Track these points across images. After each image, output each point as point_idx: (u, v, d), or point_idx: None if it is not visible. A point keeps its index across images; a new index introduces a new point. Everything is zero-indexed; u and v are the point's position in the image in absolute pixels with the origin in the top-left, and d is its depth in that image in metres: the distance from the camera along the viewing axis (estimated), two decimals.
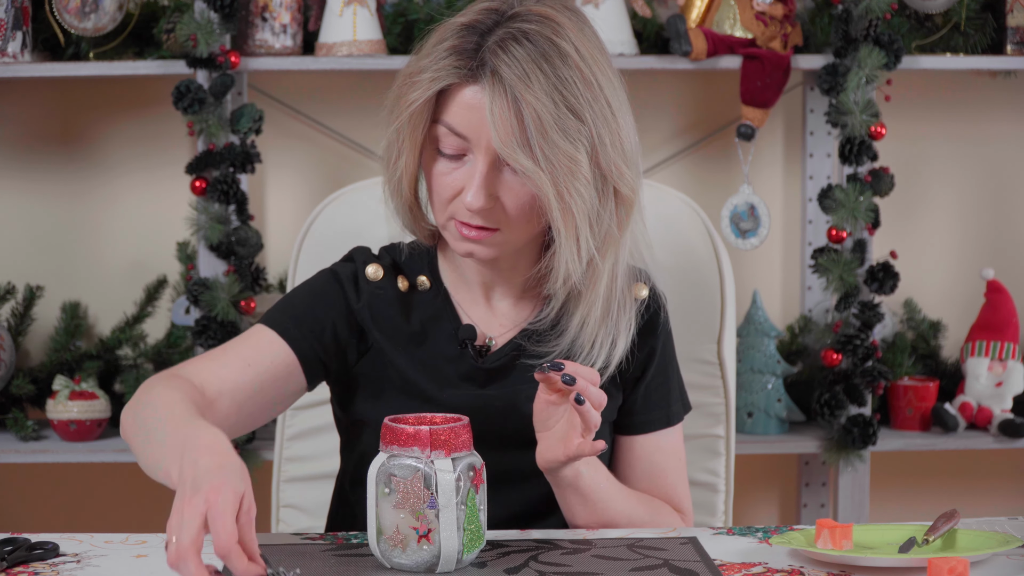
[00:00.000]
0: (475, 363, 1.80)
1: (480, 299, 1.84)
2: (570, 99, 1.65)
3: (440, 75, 1.68)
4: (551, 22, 1.68)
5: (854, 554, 1.57)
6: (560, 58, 1.66)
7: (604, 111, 1.68)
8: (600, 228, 1.71)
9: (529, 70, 1.64)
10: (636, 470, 1.87)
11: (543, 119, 1.64)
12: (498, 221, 1.71)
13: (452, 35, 1.70)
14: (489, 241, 1.72)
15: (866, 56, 2.88)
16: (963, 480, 3.33)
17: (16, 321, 3.06)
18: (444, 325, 1.82)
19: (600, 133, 1.68)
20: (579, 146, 1.66)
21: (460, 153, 1.70)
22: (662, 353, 1.86)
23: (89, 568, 1.58)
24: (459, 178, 1.70)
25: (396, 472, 1.54)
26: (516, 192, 1.70)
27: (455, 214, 1.72)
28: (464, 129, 1.68)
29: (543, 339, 1.80)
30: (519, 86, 1.64)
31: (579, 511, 1.77)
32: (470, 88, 1.68)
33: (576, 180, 1.67)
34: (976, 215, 3.29)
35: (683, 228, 2.14)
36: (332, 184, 3.13)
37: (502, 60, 1.65)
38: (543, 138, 1.64)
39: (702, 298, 2.13)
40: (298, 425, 2.16)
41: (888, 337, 3.16)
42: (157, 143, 3.14)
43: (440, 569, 1.55)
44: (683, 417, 1.90)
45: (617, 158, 1.70)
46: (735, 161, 3.15)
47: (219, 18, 2.81)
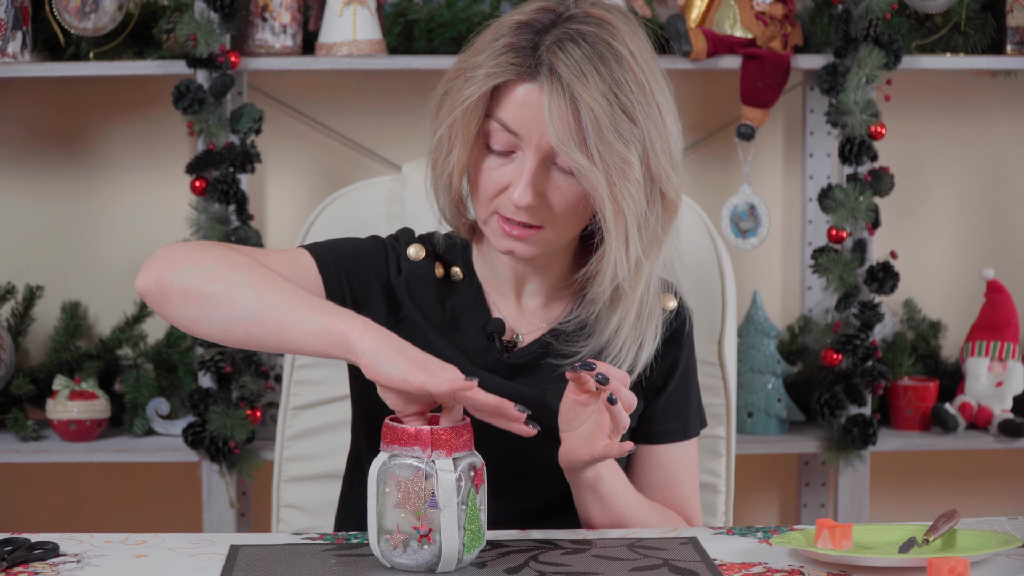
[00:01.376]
0: (501, 357, 1.81)
1: (511, 296, 1.85)
2: (624, 101, 1.67)
3: (497, 71, 1.69)
4: (607, 24, 1.69)
5: (854, 554, 1.57)
6: (616, 60, 1.67)
7: (655, 115, 1.70)
8: (647, 231, 1.73)
9: (586, 70, 1.66)
10: (650, 479, 1.88)
11: (599, 119, 1.65)
12: (542, 219, 1.72)
13: (508, 32, 1.70)
14: (531, 239, 1.73)
15: (866, 56, 2.88)
16: (963, 480, 3.33)
17: (16, 321, 3.06)
18: (474, 317, 1.83)
19: (651, 137, 1.69)
20: (632, 148, 1.67)
21: (510, 150, 1.71)
22: (685, 365, 1.87)
23: (89, 568, 1.58)
24: (506, 174, 1.71)
25: (397, 472, 1.54)
26: (563, 191, 1.71)
27: (499, 209, 1.73)
28: (517, 126, 1.69)
29: (572, 339, 1.80)
30: (576, 85, 1.65)
31: (595, 512, 1.77)
32: (525, 85, 1.68)
33: (628, 182, 1.68)
34: (976, 215, 3.29)
35: (684, 228, 2.14)
36: (332, 184, 3.13)
37: (560, 59, 1.66)
38: (599, 138, 1.66)
39: (703, 299, 2.13)
40: (299, 425, 2.16)
41: (888, 337, 3.16)
42: (157, 143, 3.14)
43: (441, 569, 1.55)
44: (700, 432, 1.91)
45: (666, 162, 1.71)
46: (735, 161, 3.15)
47: (219, 18, 2.81)
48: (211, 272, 1.66)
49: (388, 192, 2.19)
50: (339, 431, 2.13)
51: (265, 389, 2.91)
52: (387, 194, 2.19)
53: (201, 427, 2.86)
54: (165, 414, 2.98)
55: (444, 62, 2.88)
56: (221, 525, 2.93)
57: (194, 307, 1.66)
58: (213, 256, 1.68)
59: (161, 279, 1.68)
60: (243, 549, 1.64)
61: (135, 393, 2.99)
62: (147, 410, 2.97)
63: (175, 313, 1.68)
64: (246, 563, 1.58)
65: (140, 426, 2.96)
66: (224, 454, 2.86)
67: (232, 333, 1.65)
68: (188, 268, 1.67)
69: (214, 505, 2.93)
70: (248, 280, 1.65)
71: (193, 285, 1.66)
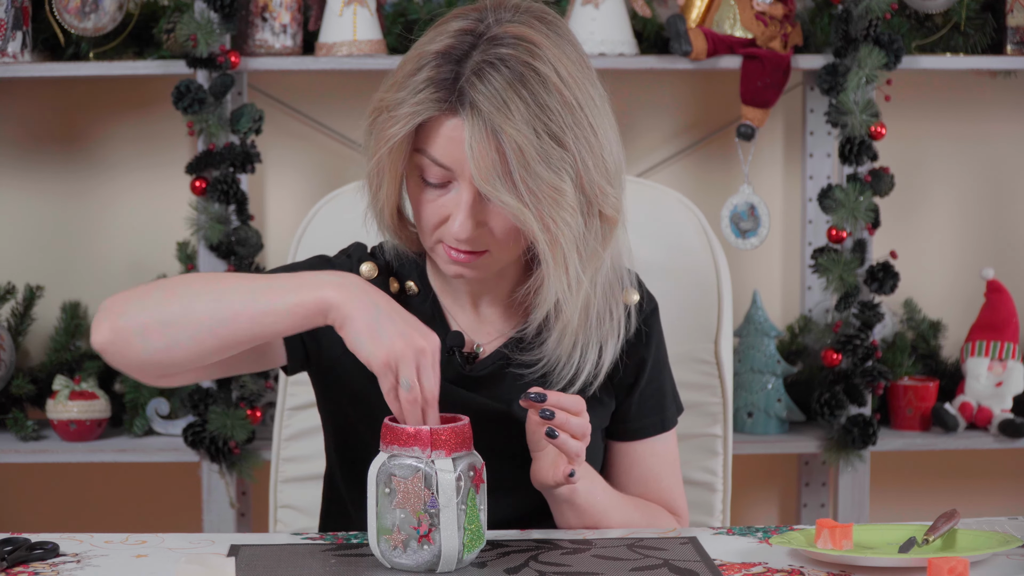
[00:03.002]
0: (463, 371, 1.79)
1: (467, 306, 1.82)
2: (552, 127, 1.62)
3: (419, 109, 1.64)
4: (528, 44, 1.64)
5: (854, 554, 1.57)
6: (540, 83, 1.62)
7: (587, 134, 1.64)
8: (586, 251, 1.69)
9: (508, 99, 1.60)
10: (631, 476, 1.87)
11: (524, 151, 1.60)
12: (486, 244, 1.69)
13: (428, 64, 1.66)
14: (478, 264, 1.70)
15: (866, 56, 2.88)
16: (963, 480, 3.33)
17: (16, 321, 3.06)
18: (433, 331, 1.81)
19: (584, 158, 1.64)
20: (563, 175, 1.63)
21: (445, 181, 1.67)
22: (655, 358, 1.85)
23: (89, 568, 1.58)
24: (445, 205, 1.68)
25: (396, 472, 1.54)
26: (503, 217, 1.67)
27: (443, 238, 1.70)
28: (447, 160, 1.65)
29: (529, 348, 1.78)
30: (498, 118, 1.60)
31: (573, 522, 1.76)
32: (450, 120, 1.64)
33: (562, 210, 1.63)
34: (976, 215, 3.29)
35: (680, 228, 2.14)
36: (332, 184, 3.13)
37: (479, 91, 1.61)
38: (525, 171, 1.61)
39: (699, 298, 2.13)
40: (295, 426, 2.16)
41: (888, 337, 3.16)
42: (157, 143, 3.14)
43: (440, 569, 1.55)
44: (677, 421, 1.89)
45: (601, 180, 1.66)
46: (735, 161, 3.15)
47: (219, 18, 2.81)
48: (160, 299, 1.63)
49: None
50: None
51: (265, 389, 2.91)
52: None
53: (201, 427, 2.86)
54: (165, 414, 2.98)
55: None
56: (221, 525, 2.93)
57: (158, 338, 1.62)
58: (155, 287, 1.65)
59: (115, 326, 1.63)
60: (243, 549, 1.64)
61: (135, 393, 2.98)
62: (147, 410, 2.97)
63: (140, 353, 1.63)
64: (246, 563, 1.58)
65: (140, 426, 2.96)
66: (224, 454, 2.86)
67: (206, 345, 1.62)
68: (137, 305, 1.64)
69: (214, 505, 2.93)
70: (199, 289, 1.63)
71: (149, 317, 1.63)
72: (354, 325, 1.57)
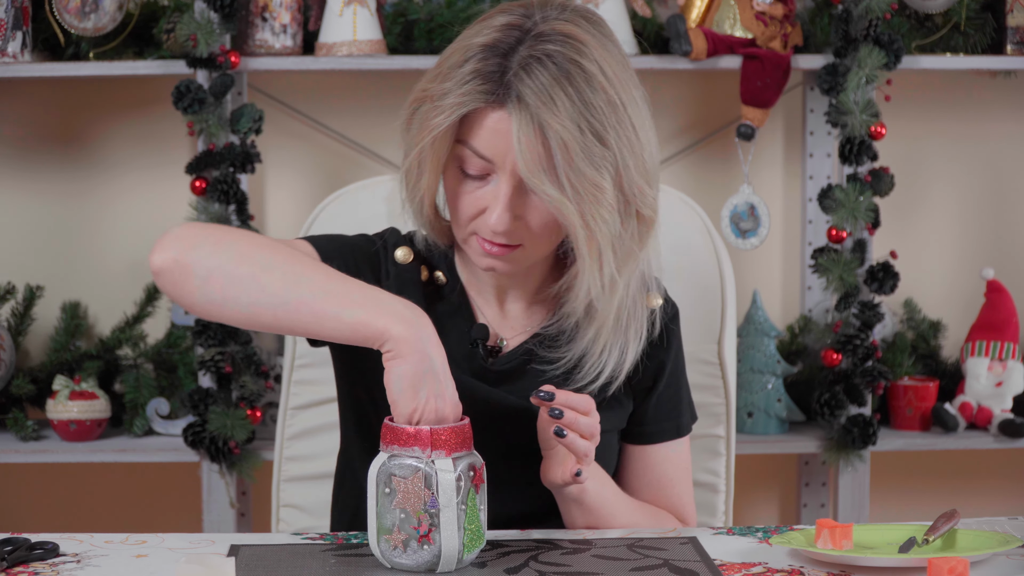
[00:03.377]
0: (485, 364, 1.80)
1: (493, 302, 1.83)
2: (595, 124, 1.64)
3: (465, 100, 1.65)
4: (575, 41, 1.66)
5: (854, 554, 1.57)
6: (585, 81, 1.64)
7: (628, 134, 1.67)
8: (622, 250, 1.70)
9: (554, 95, 1.62)
10: (643, 480, 1.87)
11: (569, 146, 1.62)
12: (521, 238, 1.71)
13: (475, 56, 1.67)
14: (511, 257, 1.72)
15: (866, 56, 2.88)
16: (963, 480, 3.33)
17: (16, 321, 3.06)
18: (458, 322, 1.82)
19: (624, 157, 1.66)
20: (604, 172, 1.65)
21: (484, 174, 1.69)
22: (674, 363, 1.86)
23: (89, 568, 1.58)
24: (483, 197, 1.69)
25: (397, 472, 1.54)
26: (540, 212, 1.69)
27: (477, 230, 1.71)
28: (489, 153, 1.67)
29: (554, 344, 1.79)
30: (544, 112, 1.62)
31: (580, 522, 1.77)
32: (495, 112, 1.65)
33: (600, 207, 1.65)
34: (976, 215, 3.29)
35: (683, 228, 2.14)
36: (332, 184, 3.13)
37: (526, 85, 1.63)
38: (569, 166, 1.63)
39: (702, 298, 2.13)
40: (298, 425, 2.16)
41: (888, 337, 3.16)
42: (157, 143, 3.14)
43: (440, 569, 1.55)
44: (691, 428, 1.90)
45: (640, 180, 1.69)
46: (735, 161, 3.15)
47: (219, 18, 2.81)
48: (237, 253, 1.62)
49: (388, 192, 2.18)
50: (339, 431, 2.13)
51: (265, 389, 2.91)
52: (387, 194, 2.18)
53: (201, 427, 2.86)
54: (165, 414, 2.98)
55: None
56: (221, 525, 2.93)
57: (218, 290, 1.61)
58: (234, 237, 1.64)
59: (181, 259, 1.62)
60: (243, 549, 1.64)
61: (135, 393, 2.98)
62: (147, 410, 2.97)
63: (195, 295, 1.62)
64: (246, 563, 1.58)
65: (140, 426, 2.96)
66: (224, 454, 2.86)
67: (261, 319, 1.61)
68: (210, 248, 1.62)
69: (214, 505, 2.93)
70: (277, 263, 1.62)
71: (219, 265, 1.61)
72: (401, 368, 1.56)
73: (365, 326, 1.57)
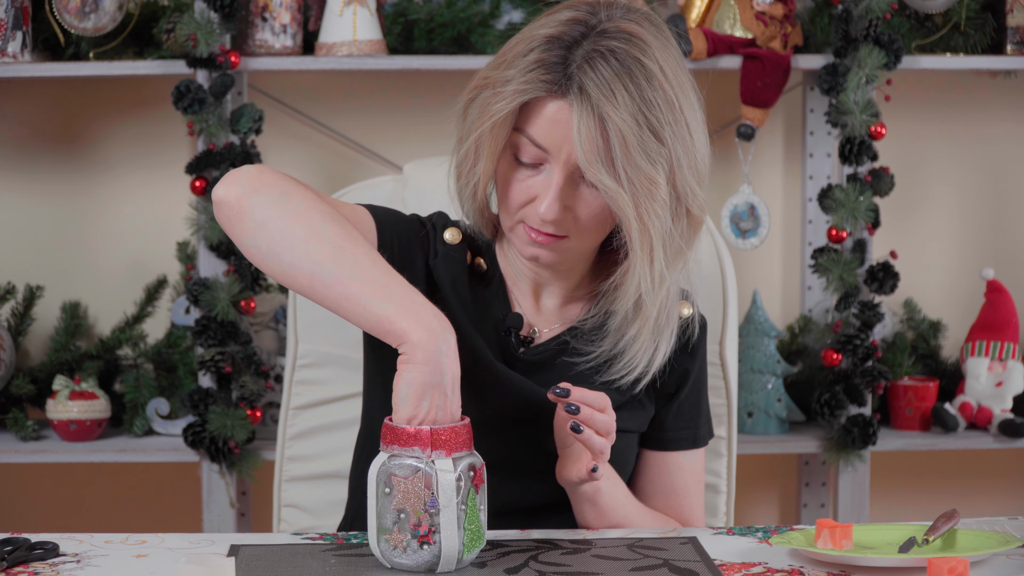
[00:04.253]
0: (516, 353, 1.81)
1: (529, 296, 1.85)
2: (653, 120, 1.67)
3: (527, 87, 1.68)
4: (638, 40, 1.69)
5: (854, 554, 1.57)
6: (645, 78, 1.67)
7: (683, 133, 1.70)
8: (672, 247, 1.73)
9: (615, 89, 1.66)
10: (656, 486, 1.88)
11: (627, 139, 1.65)
12: (568, 229, 1.73)
13: (539, 47, 1.70)
14: (556, 247, 1.74)
15: (866, 56, 2.88)
16: (963, 480, 3.33)
17: (16, 321, 3.06)
18: (495, 309, 1.83)
19: (679, 155, 1.69)
20: (659, 168, 1.68)
21: (538, 162, 1.71)
22: (697, 373, 1.88)
23: (89, 568, 1.58)
24: (534, 186, 1.72)
25: (397, 472, 1.54)
26: (589, 204, 1.71)
27: (525, 219, 1.73)
28: (546, 142, 1.69)
29: (588, 339, 1.80)
30: (605, 104, 1.65)
31: (593, 522, 1.78)
32: (555, 102, 1.68)
33: (654, 202, 1.68)
34: (976, 215, 3.29)
35: None
36: (332, 184, 3.13)
37: (589, 77, 1.66)
38: (626, 158, 1.66)
39: (704, 298, 2.12)
40: (300, 425, 2.16)
41: (888, 337, 3.16)
42: (157, 143, 3.14)
43: (440, 569, 1.55)
44: (708, 442, 1.91)
45: (692, 179, 1.71)
46: (735, 161, 3.15)
47: (219, 18, 2.81)
48: (296, 211, 1.64)
49: (389, 192, 2.19)
50: (340, 431, 2.13)
51: (265, 389, 2.91)
52: (388, 194, 2.19)
53: (201, 427, 2.86)
54: (165, 414, 2.98)
55: (444, 62, 2.88)
56: (221, 525, 2.93)
57: (267, 240, 1.63)
58: (300, 195, 1.65)
59: (244, 198, 1.64)
60: (243, 549, 1.64)
61: (135, 393, 2.98)
62: (147, 410, 2.97)
63: (244, 237, 1.64)
64: (246, 563, 1.58)
65: (140, 426, 2.96)
66: (224, 454, 2.86)
67: (297, 281, 1.62)
68: (275, 198, 1.64)
69: (214, 505, 2.93)
70: (331, 234, 1.62)
71: (275, 217, 1.63)
72: (411, 373, 1.56)
73: (389, 322, 1.57)
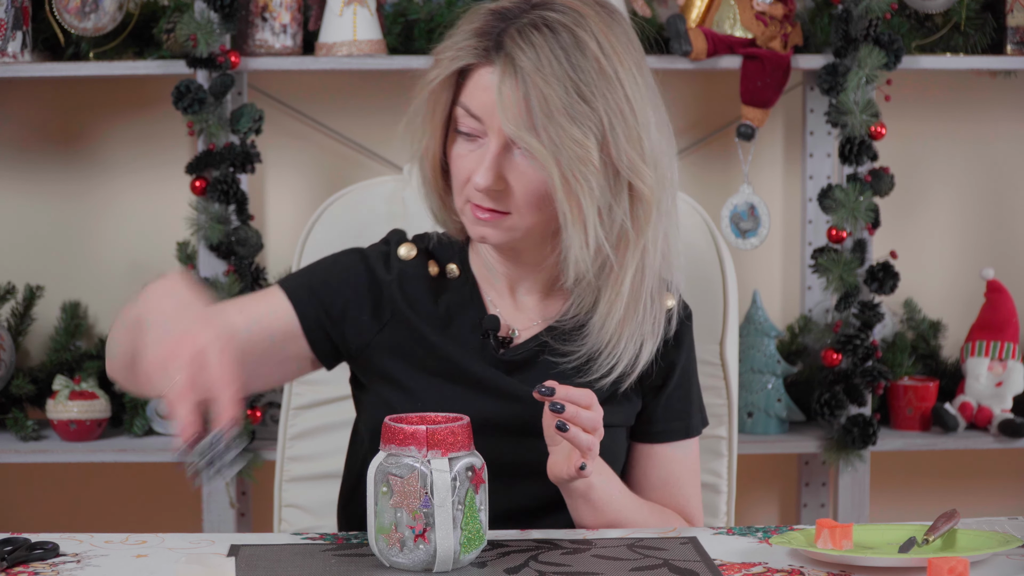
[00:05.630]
0: (496, 354, 1.80)
1: (506, 293, 1.85)
2: (581, 86, 1.67)
3: (460, 55, 1.71)
4: (576, 14, 1.69)
5: (854, 554, 1.57)
6: (577, 47, 1.67)
7: (620, 103, 1.69)
8: (612, 222, 1.71)
9: (542, 53, 1.66)
10: (651, 478, 1.88)
11: (550, 102, 1.65)
12: (508, 205, 1.72)
13: (480, 18, 1.72)
14: (500, 224, 1.73)
15: (866, 56, 2.88)
16: (963, 480, 3.33)
17: (16, 321, 3.06)
18: (470, 314, 1.83)
19: (613, 123, 1.68)
20: (588, 132, 1.67)
21: (477, 135, 1.72)
22: (685, 364, 1.87)
23: (89, 568, 1.58)
24: (474, 160, 1.72)
25: (394, 471, 1.54)
26: (527, 176, 1.71)
27: (470, 196, 1.73)
28: (479, 110, 1.70)
29: (569, 337, 1.80)
30: (529, 68, 1.66)
31: (588, 519, 1.77)
32: (486, 69, 1.70)
33: (583, 165, 1.67)
34: (976, 215, 3.29)
35: (685, 228, 2.14)
36: (332, 184, 3.13)
37: (517, 44, 1.67)
38: (549, 120, 1.66)
39: (704, 298, 2.12)
40: (300, 425, 2.16)
41: (888, 337, 3.16)
42: (157, 143, 3.14)
43: (437, 569, 1.55)
44: (701, 431, 1.91)
45: (632, 152, 1.70)
46: (735, 161, 3.15)
47: (219, 18, 2.81)
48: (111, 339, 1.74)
49: (390, 192, 2.19)
50: (341, 431, 2.13)
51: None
52: (388, 194, 2.19)
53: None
54: (165, 414, 2.98)
55: None
56: (221, 525, 2.93)
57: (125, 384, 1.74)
58: None
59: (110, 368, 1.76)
60: (243, 549, 1.64)
61: None
62: (147, 410, 2.97)
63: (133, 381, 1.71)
64: (246, 563, 1.58)
65: (140, 426, 2.96)
66: None
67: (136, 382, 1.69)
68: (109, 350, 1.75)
69: (214, 505, 2.93)
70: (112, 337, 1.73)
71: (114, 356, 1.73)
72: (149, 334, 1.57)
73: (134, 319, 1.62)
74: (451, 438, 1.55)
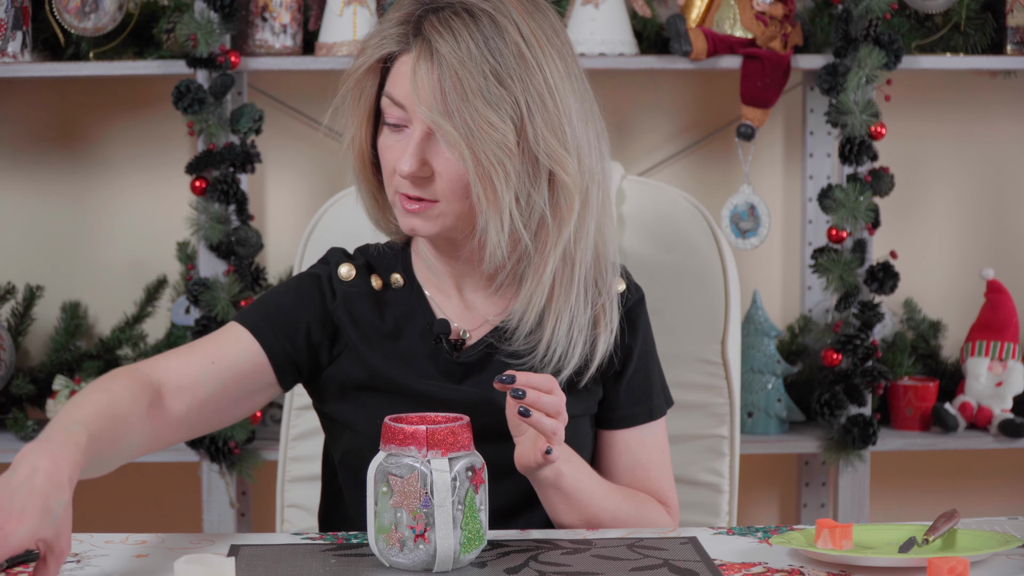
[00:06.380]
0: (451, 358, 1.80)
1: (453, 293, 1.84)
2: (498, 69, 1.67)
3: (384, 43, 1.71)
4: (500, 3, 1.70)
5: (854, 554, 1.57)
6: (496, 33, 1.68)
7: (539, 88, 1.68)
8: (531, 209, 1.71)
9: (460, 39, 1.66)
10: (619, 464, 1.87)
11: (466, 84, 1.65)
12: (435, 193, 1.72)
13: (405, 6, 1.72)
14: (428, 214, 1.73)
15: (866, 56, 2.88)
16: (963, 480, 3.33)
17: (16, 321, 3.06)
18: (418, 321, 1.82)
19: (531, 108, 1.68)
20: (504, 116, 1.67)
21: (403, 124, 1.72)
22: (642, 347, 1.86)
23: (89, 568, 1.58)
24: (400, 150, 1.72)
25: (394, 471, 1.54)
26: (451, 163, 1.70)
27: (398, 187, 1.73)
28: (402, 98, 1.71)
29: (516, 335, 1.79)
30: (446, 52, 1.66)
31: (561, 509, 1.76)
32: (408, 56, 1.70)
33: (499, 149, 1.67)
34: (976, 215, 3.29)
35: (686, 227, 2.14)
36: (332, 184, 3.13)
37: (436, 29, 1.67)
38: (464, 102, 1.65)
39: (705, 298, 2.12)
40: (303, 425, 2.16)
41: (888, 337, 3.16)
42: (157, 143, 3.14)
43: (436, 569, 1.55)
44: (666, 411, 1.89)
45: (551, 137, 1.69)
46: (735, 161, 3.15)
47: (219, 18, 2.81)
48: None
49: None
50: None
51: None
52: None
53: None
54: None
55: None
56: (221, 525, 2.93)
57: None
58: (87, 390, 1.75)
59: None
60: (243, 549, 1.64)
61: None
62: None
63: None
64: (246, 563, 1.58)
65: None
66: (224, 454, 2.86)
67: None
68: None
69: (214, 505, 2.93)
70: None
71: None
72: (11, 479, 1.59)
73: None
74: (451, 438, 1.55)
